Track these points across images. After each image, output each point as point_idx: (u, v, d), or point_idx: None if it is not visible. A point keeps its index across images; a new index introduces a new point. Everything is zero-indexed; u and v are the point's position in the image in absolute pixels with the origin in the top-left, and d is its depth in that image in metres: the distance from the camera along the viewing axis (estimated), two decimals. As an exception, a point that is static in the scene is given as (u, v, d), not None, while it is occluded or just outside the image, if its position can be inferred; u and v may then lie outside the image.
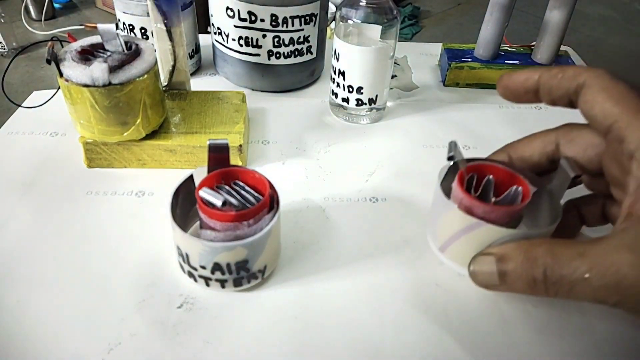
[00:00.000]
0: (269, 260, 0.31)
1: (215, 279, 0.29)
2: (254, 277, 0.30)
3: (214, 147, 0.30)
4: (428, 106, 0.52)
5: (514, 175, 0.30)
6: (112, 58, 0.36)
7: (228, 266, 0.29)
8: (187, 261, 0.29)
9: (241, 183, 0.31)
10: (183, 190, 0.31)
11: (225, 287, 0.30)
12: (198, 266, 0.29)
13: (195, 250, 0.28)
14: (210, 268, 0.29)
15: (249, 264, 0.29)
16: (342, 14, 0.45)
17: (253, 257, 0.29)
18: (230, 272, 0.29)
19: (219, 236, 0.28)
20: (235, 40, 0.49)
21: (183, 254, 0.29)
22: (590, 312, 0.31)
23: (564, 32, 0.53)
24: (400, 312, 0.31)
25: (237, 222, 0.28)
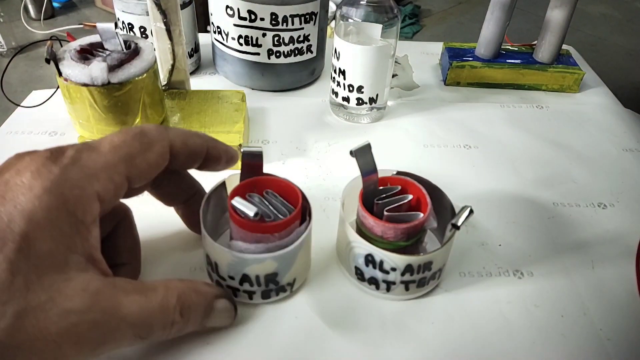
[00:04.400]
0: (299, 273, 0.30)
1: (244, 290, 0.29)
2: (282, 290, 0.29)
3: (247, 155, 0.29)
4: (429, 105, 0.52)
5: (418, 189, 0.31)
6: (111, 57, 0.36)
7: (257, 278, 0.28)
8: (215, 270, 0.29)
9: (274, 193, 0.30)
10: (215, 196, 0.30)
11: (253, 298, 0.29)
12: (227, 276, 0.28)
13: (224, 261, 0.27)
14: (238, 279, 0.28)
15: (278, 276, 0.28)
16: (342, 13, 0.44)
17: (283, 270, 0.28)
18: (259, 285, 0.28)
19: (249, 248, 0.27)
20: (235, 39, 0.49)
21: (212, 262, 0.28)
22: (592, 312, 0.31)
23: (565, 31, 0.53)
24: (403, 312, 0.31)
25: (267, 234, 0.27)
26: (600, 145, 0.48)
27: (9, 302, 0.18)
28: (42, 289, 0.19)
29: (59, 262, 0.19)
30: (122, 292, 0.21)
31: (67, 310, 0.19)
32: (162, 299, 0.22)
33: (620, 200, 0.41)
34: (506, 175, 0.43)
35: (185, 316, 0.23)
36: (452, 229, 0.29)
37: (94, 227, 0.21)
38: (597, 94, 0.56)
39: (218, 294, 0.26)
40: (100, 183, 0.21)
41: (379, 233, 0.30)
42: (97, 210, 0.21)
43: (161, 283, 0.23)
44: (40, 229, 0.19)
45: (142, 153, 0.23)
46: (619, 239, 0.37)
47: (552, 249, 0.36)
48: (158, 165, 0.24)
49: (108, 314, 0.20)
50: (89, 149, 0.22)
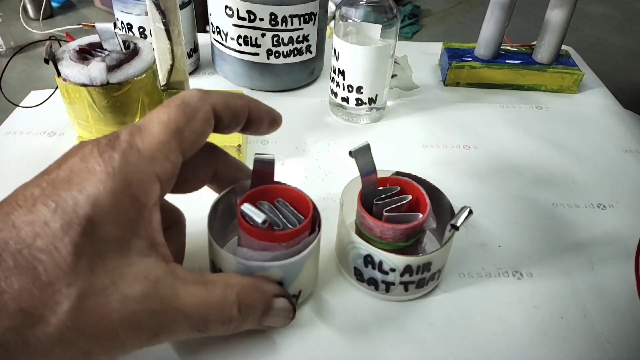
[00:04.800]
0: (305, 285, 0.29)
1: None
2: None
3: (259, 162, 0.29)
4: (428, 106, 0.52)
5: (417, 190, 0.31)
6: (110, 57, 0.35)
7: None
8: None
9: (285, 202, 0.29)
10: (223, 202, 0.30)
11: None
12: None
13: (229, 267, 0.27)
14: None
15: (283, 286, 0.27)
16: (341, 13, 0.44)
17: (289, 280, 0.27)
18: None
19: (254, 255, 0.26)
20: (234, 39, 0.49)
21: (217, 269, 0.28)
22: (592, 312, 0.31)
23: (565, 31, 0.53)
24: (403, 313, 0.30)
25: (275, 243, 0.27)
26: (599, 146, 0.48)
27: (73, 284, 0.18)
28: (106, 272, 0.19)
29: (122, 246, 0.20)
30: (181, 282, 0.21)
31: (128, 297, 0.19)
32: (222, 294, 0.22)
33: (620, 201, 0.41)
34: (505, 176, 0.43)
35: (244, 313, 0.23)
36: (452, 229, 0.29)
37: (155, 210, 0.21)
38: (596, 94, 0.56)
39: (278, 292, 0.25)
40: (159, 164, 0.21)
41: (378, 234, 0.30)
42: (157, 192, 0.21)
43: (222, 277, 0.23)
44: (105, 214, 0.19)
45: (189, 124, 0.23)
46: (618, 240, 0.37)
47: (551, 249, 0.36)
48: (205, 132, 0.24)
49: (166, 305, 0.20)
50: (140, 131, 0.22)
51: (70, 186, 0.19)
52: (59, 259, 0.18)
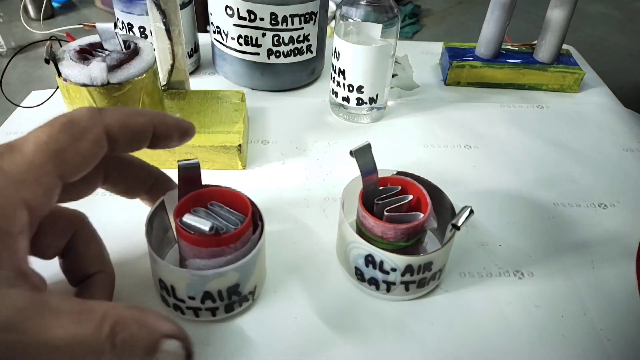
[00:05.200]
0: (259, 280, 0.30)
1: (206, 308, 0.28)
2: (245, 299, 0.29)
3: (183, 169, 0.28)
4: (429, 105, 0.52)
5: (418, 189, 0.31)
6: (110, 57, 0.35)
7: (219, 293, 0.27)
8: (172, 294, 0.27)
9: (218, 203, 0.29)
10: (156, 217, 0.29)
11: (216, 314, 0.28)
12: (186, 297, 0.27)
13: (182, 282, 0.26)
14: (200, 298, 0.27)
15: (240, 287, 0.28)
16: (342, 13, 0.44)
17: (244, 280, 0.27)
18: (221, 299, 0.27)
19: (209, 264, 0.26)
20: (235, 39, 0.49)
21: (167, 287, 0.27)
22: (592, 313, 0.31)
23: (566, 30, 0.53)
24: (403, 313, 0.30)
25: (223, 246, 0.26)
26: (600, 146, 0.48)
27: None
28: None
29: None
30: (51, 313, 0.19)
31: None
32: (96, 325, 0.19)
33: (621, 201, 0.41)
34: (506, 176, 0.43)
35: (119, 349, 0.19)
36: (453, 229, 0.29)
37: (22, 237, 0.19)
38: (597, 93, 0.56)
39: (170, 332, 0.21)
40: (27, 188, 0.20)
41: (379, 233, 0.30)
42: (24, 218, 0.20)
43: (102, 306, 0.20)
44: None
45: (73, 145, 0.21)
46: (619, 239, 0.37)
47: (552, 249, 0.36)
48: (95, 154, 0.22)
49: (29, 337, 0.18)
50: (11, 151, 0.20)
51: None
52: None
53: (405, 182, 0.32)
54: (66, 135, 0.21)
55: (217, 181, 0.30)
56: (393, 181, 0.32)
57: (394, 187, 0.32)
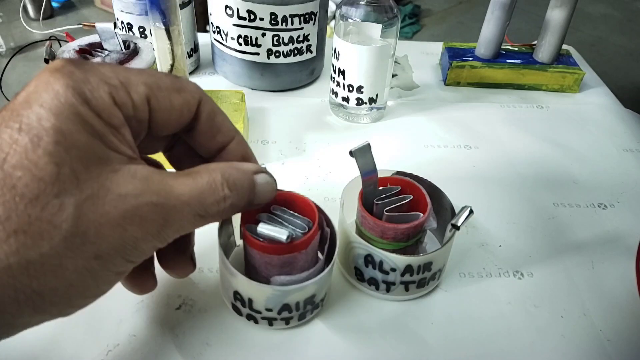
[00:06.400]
0: (328, 286, 0.29)
1: (281, 318, 0.28)
2: (316, 307, 0.29)
3: None
4: (429, 105, 0.52)
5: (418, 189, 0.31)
6: (110, 57, 0.35)
7: (297, 305, 0.27)
8: (249, 306, 0.27)
9: (281, 207, 0.28)
10: (224, 225, 0.29)
11: (289, 323, 0.28)
12: (263, 309, 0.27)
13: (262, 296, 0.26)
14: (278, 310, 0.27)
15: (315, 297, 0.28)
16: (342, 13, 0.44)
17: (320, 290, 0.28)
18: (297, 309, 0.27)
19: (293, 279, 0.26)
20: (235, 39, 0.48)
21: (244, 299, 0.27)
22: (592, 313, 0.31)
23: (566, 31, 0.53)
24: (403, 313, 0.30)
25: (295, 253, 0.26)
26: (600, 146, 0.48)
27: (62, 193, 0.18)
28: (91, 178, 0.19)
29: (100, 154, 0.19)
30: (170, 177, 0.21)
31: (123, 195, 0.19)
32: (209, 178, 0.22)
33: (621, 201, 0.41)
34: (506, 176, 0.43)
35: (234, 191, 0.23)
36: (452, 229, 0.29)
37: (124, 129, 0.21)
38: (597, 94, 0.56)
39: (256, 169, 0.24)
40: (118, 93, 0.21)
41: (379, 233, 0.30)
42: (120, 115, 0.20)
43: (201, 167, 0.23)
44: (72, 123, 0.18)
45: (168, 90, 0.22)
46: (619, 240, 0.37)
47: (552, 249, 0.36)
48: (181, 113, 0.23)
49: (163, 195, 0.20)
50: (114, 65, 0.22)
51: (30, 105, 0.18)
52: (37, 172, 0.17)
53: (405, 182, 0.32)
54: (168, 80, 0.23)
55: None
56: (393, 181, 0.32)
57: (394, 187, 0.32)
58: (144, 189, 0.20)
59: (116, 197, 0.19)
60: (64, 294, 0.19)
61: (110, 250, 0.19)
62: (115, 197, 0.19)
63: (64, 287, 0.18)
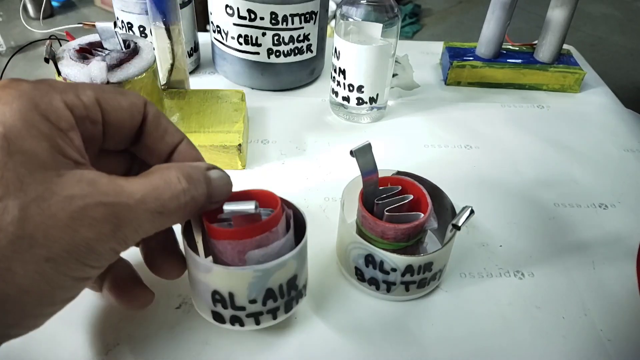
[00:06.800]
0: (306, 274, 0.28)
1: (267, 311, 0.26)
2: (300, 295, 0.27)
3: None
4: (429, 105, 0.52)
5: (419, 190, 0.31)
6: (110, 57, 0.35)
7: (280, 289, 0.25)
8: (231, 304, 0.25)
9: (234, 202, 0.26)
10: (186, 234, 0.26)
11: (277, 317, 0.26)
12: (247, 302, 0.25)
13: (243, 284, 0.24)
14: (262, 298, 0.25)
15: (297, 279, 0.26)
16: (342, 12, 0.44)
17: (300, 268, 0.26)
18: (282, 296, 0.26)
19: (267, 254, 0.24)
20: (235, 39, 0.48)
21: (224, 296, 0.25)
22: (592, 313, 0.31)
23: (566, 30, 0.53)
24: (404, 313, 0.30)
25: (267, 232, 0.24)
26: (601, 146, 0.48)
27: (6, 196, 0.18)
28: (36, 182, 0.19)
29: (45, 159, 0.19)
30: (120, 179, 0.21)
31: (70, 196, 0.19)
32: (163, 175, 0.22)
33: (622, 201, 0.41)
34: (507, 176, 0.43)
35: (192, 183, 0.22)
36: (453, 229, 0.29)
37: (73, 133, 0.21)
38: (598, 94, 0.56)
39: (208, 166, 0.25)
40: (67, 95, 0.21)
41: (379, 233, 0.29)
42: (70, 118, 0.21)
43: (154, 167, 0.23)
44: (18, 130, 0.19)
45: (114, 93, 0.23)
46: (620, 240, 0.37)
47: (553, 249, 0.36)
48: (131, 113, 0.24)
49: (113, 195, 0.20)
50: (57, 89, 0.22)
51: None
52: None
53: (406, 182, 0.32)
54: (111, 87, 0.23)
55: None
56: (393, 181, 0.32)
57: (394, 187, 0.32)
58: (91, 190, 0.19)
59: (62, 199, 0.19)
60: (18, 301, 0.18)
61: (61, 252, 0.19)
62: (62, 199, 0.19)
63: (15, 292, 0.18)
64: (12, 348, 0.27)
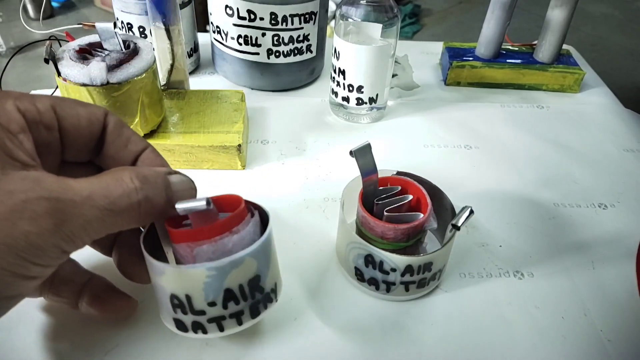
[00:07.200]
0: (277, 276, 0.27)
1: (230, 314, 0.24)
2: (268, 299, 0.25)
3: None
4: (429, 105, 0.52)
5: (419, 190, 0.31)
6: (110, 57, 0.35)
7: (241, 289, 0.24)
8: (190, 308, 0.24)
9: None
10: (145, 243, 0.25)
11: (243, 322, 0.25)
12: (206, 306, 0.24)
13: (198, 285, 0.23)
14: (221, 300, 0.23)
15: (261, 280, 0.24)
16: (342, 12, 0.44)
17: (263, 269, 0.25)
18: (244, 298, 0.24)
19: (218, 249, 0.23)
20: (235, 39, 0.48)
21: (182, 300, 0.23)
22: (592, 313, 0.31)
23: (566, 30, 0.53)
24: (403, 313, 0.30)
25: (226, 233, 0.23)
26: (601, 146, 0.48)
27: None
28: None
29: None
30: (67, 179, 0.20)
31: (10, 191, 0.19)
32: (114, 174, 0.21)
33: (621, 201, 0.41)
34: (507, 176, 0.43)
35: (145, 183, 0.22)
36: (453, 229, 0.29)
37: (23, 136, 0.21)
38: (597, 94, 0.56)
39: (168, 171, 0.24)
40: (20, 101, 0.21)
41: (379, 234, 0.29)
42: (21, 121, 0.21)
43: (109, 170, 0.22)
44: None
45: (73, 103, 0.23)
46: (619, 240, 0.37)
47: (552, 249, 0.36)
48: (89, 122, 0.24)
49: (57, 191, 0.19)
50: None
51: None
52: None
53: (405, 182, 0.32)
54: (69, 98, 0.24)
55: (216, 181, 0.30)
56: (393, 181, 0.32)
57: (394, 187, 0.32)
58: (34, 186, 0.19)
59: (3, 193, 0.18)
60: None
61: (3, 248, 0.18)
62: (2, 193, 0.18)
63: None
64: (10, 348, 0.27)
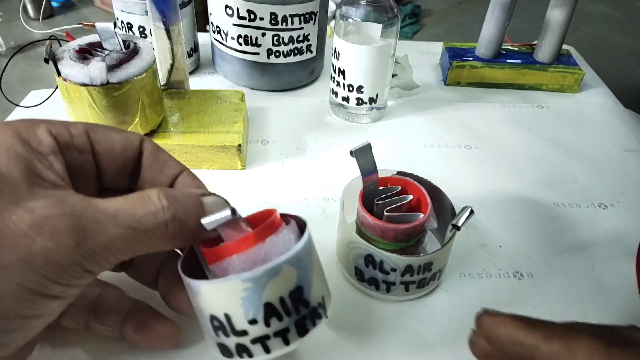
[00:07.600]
0: (324, 288, 0.24)
1: (274, 333, 0.22)
2: (316, 314, 0.23)
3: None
4: (429, 105, 0.52)
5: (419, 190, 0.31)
6: (110, 57, 0.35)
7: (282, 303, 0.22)
8: (231, 329, 0.22)
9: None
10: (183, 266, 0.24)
11: (290, 341, 0.22)
12: (246, 324, 0.21)
13: (235, 300, 0.21)
14: (263, 317, 0.21)
15: (304, 292, 0.22)
16: (342, 12, 0.44)
17: (306, 280, 0.22)
18: (288, 313, 0.22)
19: (248, 257, 0.22)
20: (235, 39, 0.48)
21: (222, 321, 0.22)
22: (593, 313, 0.31)
23: (566, 30, 0.53)
24: (403, 313, 0.30)
25: (260, 243, 0.22)
26: (601, 146, 0.48)
27: None
28: (3, 196, 0.19)
29: (19, 177, 0.19)
30: (94, 198, 0.20)
31: (31, 208, 0.19)
32: (141, 193, 0.21)
33: (621, 201, 0.41)
34: (507, 176, 0.43)
35: (173, 203, 0.21)
36: (453, 229, 0.29)
37: (54, 157, 0.21)
38: (597, 94, 0.56)
39: (202, 192, 0.23)
40: (53, 125, 0.22)
41: (379, 233, 0.29)
42: (52, 143, 0.21)
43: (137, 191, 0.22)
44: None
45: (107, 128, 0.24)
46: (619, 240, 0.37)
47: (552, 250, 0.36)
48: (124, 147, 0.24)
49: (80, 208, 0.19)
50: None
51: None
52: None
53: (405, 182, 0.32)
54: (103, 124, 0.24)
55: (216, 181, 0.30)
56: (393, 181, 0.32)
57: (394, 187, 0.32)
58: (58, 203, 0.19)
59: (25, 210, 0.18)
60: None
61: (15, 261, 0.18)
62: (24, 209, 0.18)
63: None
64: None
